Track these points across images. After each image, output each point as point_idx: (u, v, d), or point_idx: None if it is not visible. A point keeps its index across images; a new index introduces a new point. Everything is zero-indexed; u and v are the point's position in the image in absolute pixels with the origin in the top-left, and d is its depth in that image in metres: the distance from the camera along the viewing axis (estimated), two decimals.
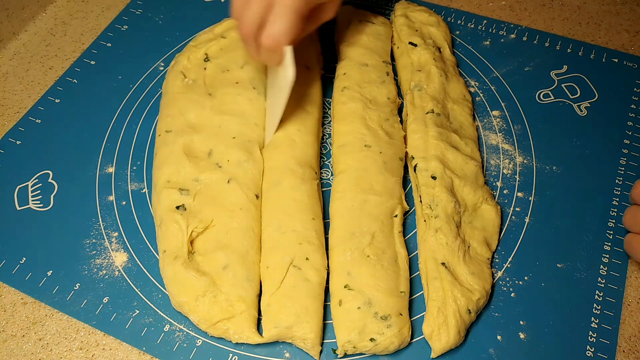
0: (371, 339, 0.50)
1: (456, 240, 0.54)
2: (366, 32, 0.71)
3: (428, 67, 0.67)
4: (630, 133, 0.66)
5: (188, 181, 0.58)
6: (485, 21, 0.79)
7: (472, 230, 0.56)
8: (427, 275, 0.53)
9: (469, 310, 0.51)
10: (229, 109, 0.63)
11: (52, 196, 0.63)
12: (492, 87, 0.71)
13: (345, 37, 0.71)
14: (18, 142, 0.68)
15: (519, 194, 0.62)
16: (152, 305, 0.55)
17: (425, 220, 0.56)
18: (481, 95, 0.71)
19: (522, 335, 0.53)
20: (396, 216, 0.57)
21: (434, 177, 0.57)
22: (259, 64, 0.67)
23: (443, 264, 0.53)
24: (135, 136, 0.68)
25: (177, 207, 0.57)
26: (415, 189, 0.60)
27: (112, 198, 0.63)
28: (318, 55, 0.70)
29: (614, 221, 0.60)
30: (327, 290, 0.54)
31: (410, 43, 0.69)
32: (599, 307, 0.55)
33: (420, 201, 0.57)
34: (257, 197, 0.58)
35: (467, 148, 0.62)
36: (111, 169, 0.65)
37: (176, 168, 0.59)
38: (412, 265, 0.57)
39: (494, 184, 0.63)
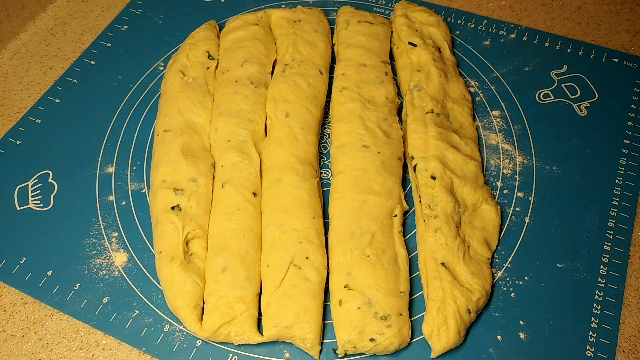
0: (371, 339, 0.50)
1: (455, 240, 0.54)
2: (365, 32, 0.71)
3: (427, 67, 0.67)
4: (630, 133, 0.66)
5: (183, 181, 0.58)
6: (485, 21, 0.79)
7: (472, 230, 0.56)
8: (427, 275, 0.53)
9: (469, 310, 0.51)
10: (226, 109, 0.63)
11: (52, 196, 0.63)
12: (492, 87, 0.71)
13: (344, 38, 0.71)
14: (18, 142, 0.68)
15: (519, 194, 0.62)
16: (152, 306, 0.55)
17: (424, 221, 0.56)
18: (481, 95, 0.71)
19: (522, 335, 0.53)
20: (396, 216, 0.57)
21: (433, 177, 0.57)
22: (259, 59, 0.67)
23: (443, 264, 0.53)
24: (135, 136, 0.68)
25: (173, 208, 0.57)
26: (415, 189, 0.60)
27: (112, 198, 0.63)
28: (329, 60, 0.71)
29: (614, 221, 0.60)
30: (327, 290, 0.54)
31: (410, 43, 0.69)
32: (599, 307, 0.55)
33: (420, 201, 0.57)
34: (254, 194, 0.58)
35: (467, 148, 0.62)
36: (111, 169, 0.65)
37: (172, 168, 0.59)
38: (412, 265, 0.57)
39: (494, 184, 0.63)
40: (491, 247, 0.57)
